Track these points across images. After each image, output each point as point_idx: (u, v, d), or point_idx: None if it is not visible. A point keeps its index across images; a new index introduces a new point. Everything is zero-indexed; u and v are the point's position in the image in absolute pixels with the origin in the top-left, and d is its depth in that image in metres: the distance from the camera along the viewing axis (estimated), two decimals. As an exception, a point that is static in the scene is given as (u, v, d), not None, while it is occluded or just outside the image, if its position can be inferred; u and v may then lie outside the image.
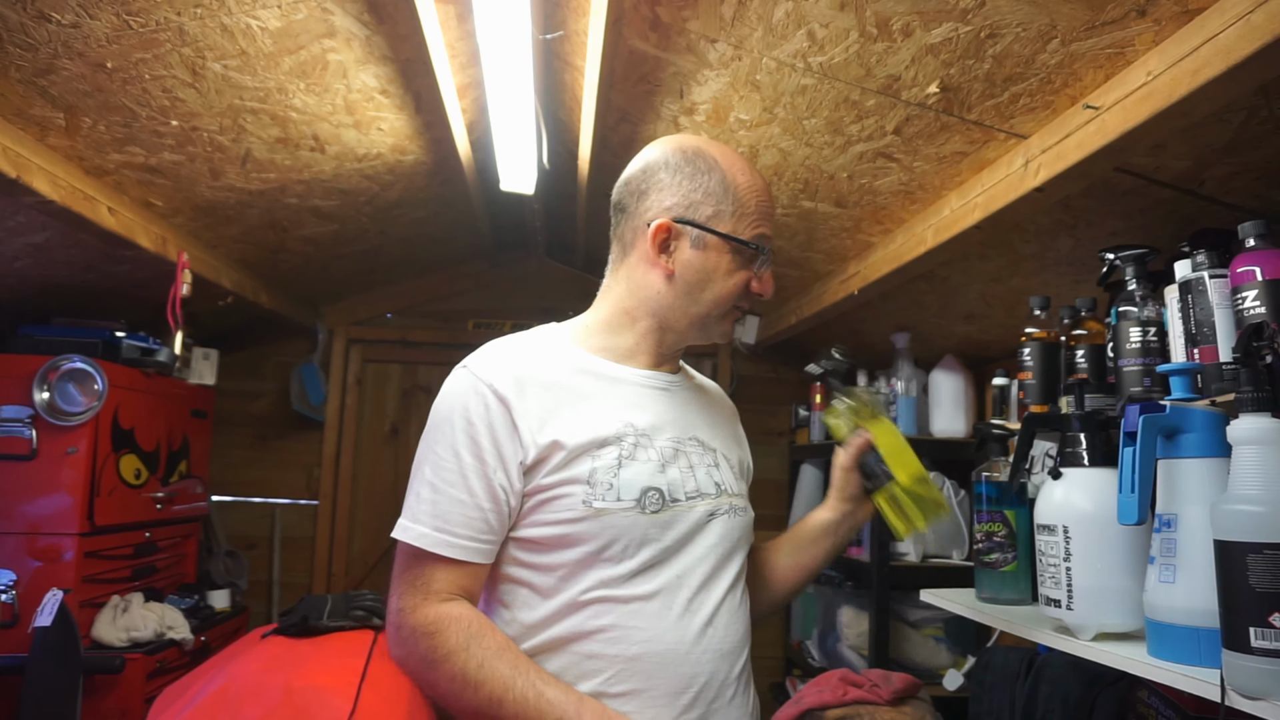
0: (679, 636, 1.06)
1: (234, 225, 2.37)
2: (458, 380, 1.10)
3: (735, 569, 1.15)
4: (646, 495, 1.07)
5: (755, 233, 1.14)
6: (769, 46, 1.43)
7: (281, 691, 1.77)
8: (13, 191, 1.62)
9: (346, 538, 3.43)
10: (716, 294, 1.14)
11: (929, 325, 2.54)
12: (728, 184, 1.13)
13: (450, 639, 1.01)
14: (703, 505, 1.11)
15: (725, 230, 1.12)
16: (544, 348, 1.16)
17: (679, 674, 1.05)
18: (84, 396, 2.25)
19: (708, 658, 1.07)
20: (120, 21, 1.41)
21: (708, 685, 1.07)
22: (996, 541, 1.48)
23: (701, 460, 1.15)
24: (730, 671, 1.10)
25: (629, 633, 1.05)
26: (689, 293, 1.14)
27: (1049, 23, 1.16)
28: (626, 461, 1.07)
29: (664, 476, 1.09)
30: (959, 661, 2.44)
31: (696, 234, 1.13)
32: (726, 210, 1.13)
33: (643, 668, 1.04)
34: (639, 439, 1.10)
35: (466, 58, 1.81)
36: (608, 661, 1.04)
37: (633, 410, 1.12)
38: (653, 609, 1.06)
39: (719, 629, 1.09)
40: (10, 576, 2.07)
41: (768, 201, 1.17)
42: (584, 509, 1.05)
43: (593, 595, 1.05)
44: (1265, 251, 1.12)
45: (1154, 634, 1.09)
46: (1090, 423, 1.26)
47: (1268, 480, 0.93)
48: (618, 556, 1.06)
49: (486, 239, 3.18)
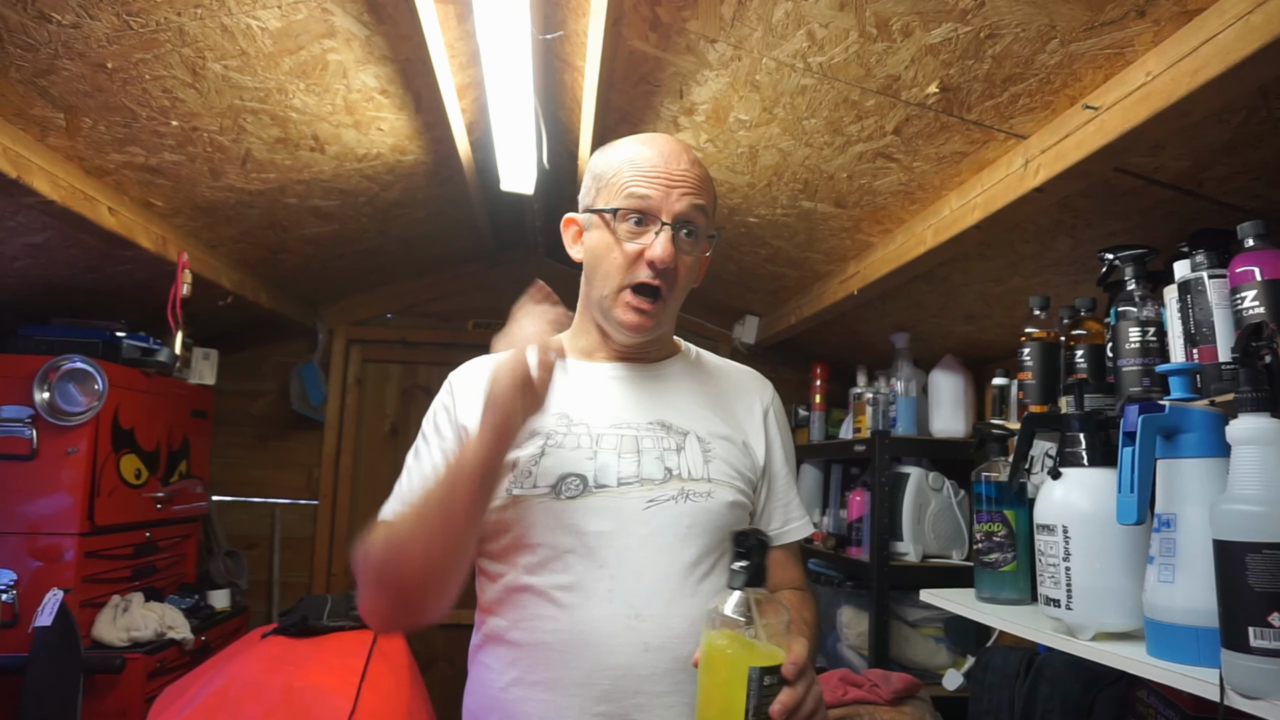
0: (590, 626, 1.02)
1: (234, 225, 2.37)
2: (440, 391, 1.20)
3: (684, 559, 1.06)
4: (564, 481, 1.06)
5: (625, 195, 1.10)
6: (769, 47, 1.43)
7: (281, 691, 1.77)
8: (13, 191, 1.63)
9: (346, 538, 3.43)
10: (604, 270, 1.12)
11: (929, 325, 2.54)
12: (610, 162, 1.15)
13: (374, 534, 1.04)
14: (640, 492, 1.07)
15: (600, 205, 1.13)
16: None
17: (590, 664, 1.01)
18: (84, 396, 2.26)
19: (625, 649, 1.01)
20: (120, 22, 1.41)
21: (624, 679, 1.01)
22: (996, 541, 1.49)
23: (656, 445, 1.10)
24: (658, 666, 1.01)
25: (542, 621, 1.04)
26: (589, 278, 1.16)
27: (1048, 23, 1.16)
28: (551, 450, 1.08)
29: (593, 463, 1.07)
30: (959, 661, 2.44)
31: (585, 218, 1.16)
32: (604, 186, 1.14)
33: (553, 656, 1.03)
34: (572, 427, 1.10)
35: (466, 58, 1.81)
36: (526, 650, 1.04)
37: (572, 401, 1.12)
38: (570, 598, 1.03)
39: (647, 621, 1.02)
40: (11, 576, 2.07)
41: (655, 168, 1.10)
42: (505, 497, 1.06)
43: (518, 583, 1.07)
44: (1264, 251, 1.12)
45: (1153, 634, 1.09)
46: (1090, 423, 1.26)
47: (1267, 480, 0.93)
48: (534, 544, 1.06)
49: (486, 239, 3.18)
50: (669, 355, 1.23)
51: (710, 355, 1.29)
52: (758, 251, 2.45)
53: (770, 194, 2.02)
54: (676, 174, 1.10)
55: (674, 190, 1.10)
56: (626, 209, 1.10)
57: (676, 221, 1.10)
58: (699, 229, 1.12)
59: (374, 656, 2.00)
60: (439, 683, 3.11)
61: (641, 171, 1.10)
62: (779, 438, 1.22)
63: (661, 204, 1.09)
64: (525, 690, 1.03)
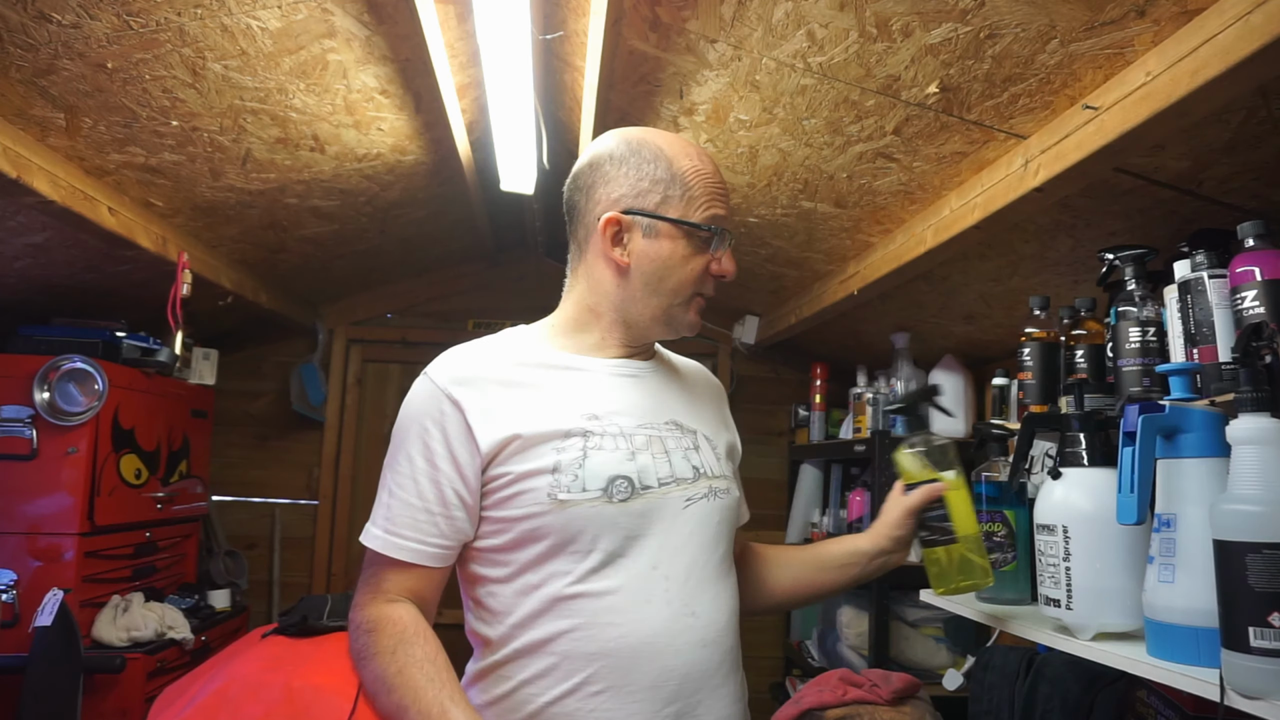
0: (654, 629, 1.03)
1: (234, 225, 2.37)
2: (417, 388, 1.11)
3: (718, 554, 1.12)
4: (614, 484, 1.04)
5: (707, 214, 1.11)
6: (769, 47, 1.43)
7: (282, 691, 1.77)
8: (13, 192, 1.62)
9: (346, 538, 3.43)
10: (675, 282, 1.11)
11: (929, 325, 2.54)
12: (674, 169, 1.11)
13: (381, 639, 1.03)
14: (678, 491, 1.08)
15: (675, 215, 1.10)
16: (504, 347, 1.15)
17: (657, 667, 1.02)
18: (84, 396, 2.26)
19: (687, 648, 1.04)
20: (121, 22, 1.41)
21: (688, 677, 1.03)
22: (996, 542, 1.48)
23: (678, 444, 1.12)
24: (712, 660, 1.06)
25: (602, 629, 1.02)
26: (647, 284, 1.11)
27: (1048, 23, 1.16)
28: (593, 451, 1.05)
29: (633, 464, 1.06)
30: (959, 661, 2.44)
31: (647, 223, 1.10)
32: (675, 195, 1.10)
33: (618, 663, 1.01)
34: (606, 427, 1.07)
35: (466, 58, 1.81)
36: (584, 660, 1.02)
37: (597, 399, 1.10)
38: (624, 602, 1.03)
39: (700, 618, 1.06)
40: (11, 576, 2.07)
41: (718, 184, 1.14)
42: (549, 502, 1.03)
43: (563, 593, 1.03)
44: (1264, 251, 1.12)
45: (1153, 634, 1.09)
46: (1090, 423, 1.26)
47: (1267, 480, 0.93)
48: (585, 549, 1.03)
49: (486, 239, 3.18)
50: (653, 355, 1.23)
51: (666, 351, 1.29)
52: (758, 251, 2.45)
53: (770, 194, 2.02)
54: (725, 189, 1.15)
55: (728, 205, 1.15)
56: (717, 228, 1.12)
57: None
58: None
59: (374, 656, 2.00)
60: (439, 683, 3.11)
61: (713, 188, 1.12)
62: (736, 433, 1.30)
63: (728, 222, 1.15)
64: (583, 701, 1.01)
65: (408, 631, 1.03)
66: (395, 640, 1.02)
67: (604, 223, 1.11)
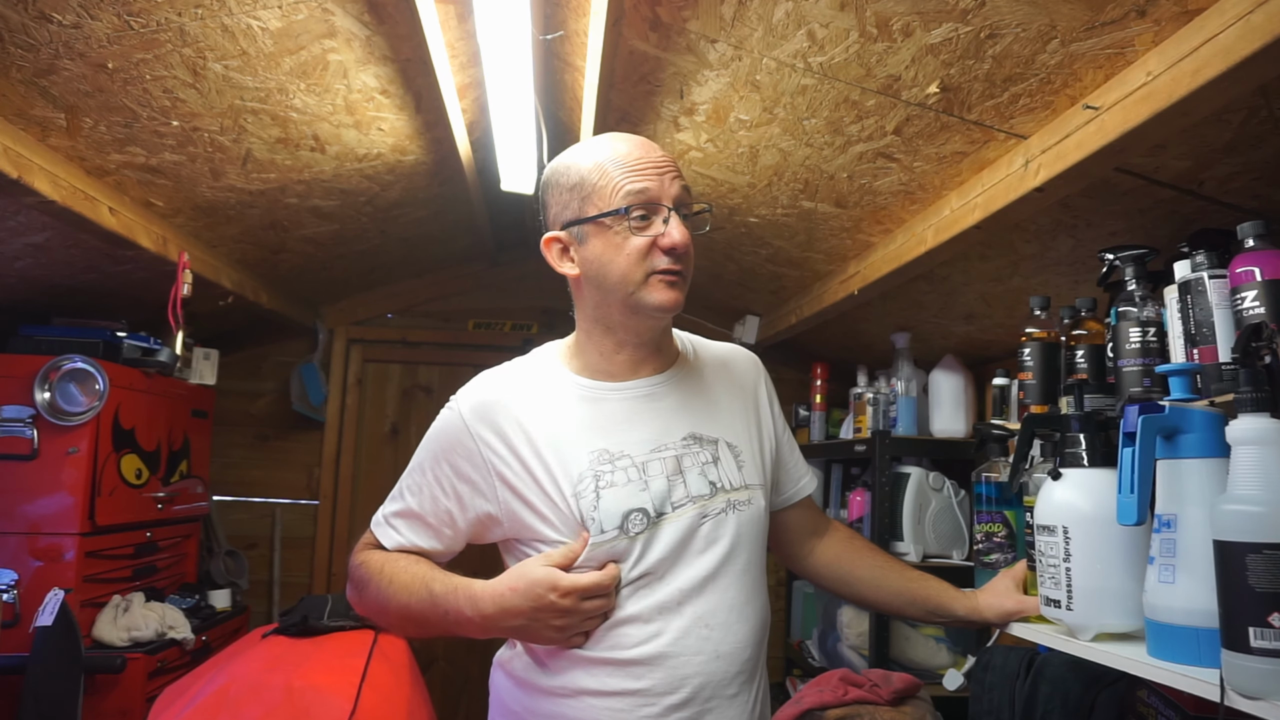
0: (673, 644, 1.07)
1: (234, 225, 2.37)
2: (446, 414, 1.18)
3: (736, 567, 1.14)
4: (629, 519, 1.08)
5: (624, 194, 1.09)
6: (769, 47, 1.43)
7: (282, 691, 1.77)
8: (14, 192, 1.63)
9: (347, 537, 3.43)
10: (619, 271, 1.11)
11: (929, 325, 2.54)
12: (581, 171, 1.13)
13: (370, 565, 1.18)
14: (693, 510, 1.11)
15: (594, 212, 1.11)
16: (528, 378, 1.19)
17: (673, 678, 1.07)
18: (85, 396, 2.26)
19: (702, 660, 1.08)
20: (121, 22, 1.41)
21: (703, 686, 1.08)
22: (996, 542, 1.48)
23: (695, 461, 1.14)
24: (728, 671, 1.10)
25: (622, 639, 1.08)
26: (598, 285, 1.13)
27: (1049, 23, 1.16)
28: (604, 490, 1.09)
29: (647, 494, 1.09)
30: (959, 661, 2.44)
31: (576, 230, 1.13)
32: (589, 194, 1.12)
33: (635, 670, 1.07)
34: (616, 462, 1.11)
35: (466, 58, 1.81)
36: (603, 665, 1.08)
37: (610, 432, 1.13)
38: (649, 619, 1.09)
39: (716, 630, 1.10)
40: (11, 576, 2.07)
41: (637, 160, 1.11)
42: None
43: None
44: (1264, 252, 1.12)
45: (1154, 634, 1.09)
46: (1090, 423, 1.26)
47: (1267, 480, 0.93)
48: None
49: (486, 239, 3.19)
50: (674, 357, 1.23)
51: (702, 342, 1.31)
52: (758, 251, 2.45)
53: (771, 194, 2.02)
54: (660, 162, 1.12)
55: (664, 177, 1.11)
56: (634, 205, 1.09)
57: (676, 205, 1.11)
58: (690, 210, 1.14)
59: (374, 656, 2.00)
60: (439, 683, 3.10)
61: (630, 167, 1.10)
62: (779, 409, 1.31)
63: (660, 192, 1.10)
64: (599, 699, 1.07)
65: (391, 555, 1.19)
66: (381, 561, 1.18)
67: (545, 245, 1.17)
